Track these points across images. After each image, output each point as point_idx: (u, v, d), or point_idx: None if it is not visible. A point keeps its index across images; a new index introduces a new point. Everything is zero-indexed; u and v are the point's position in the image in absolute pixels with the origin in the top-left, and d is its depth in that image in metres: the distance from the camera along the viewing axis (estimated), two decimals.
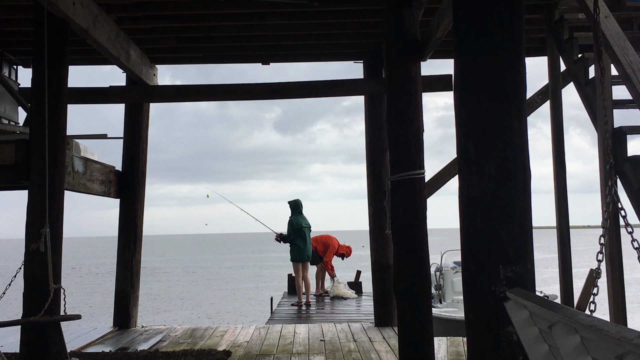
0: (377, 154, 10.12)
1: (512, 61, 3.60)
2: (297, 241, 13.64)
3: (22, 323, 6.72)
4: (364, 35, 9.56)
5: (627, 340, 1.88)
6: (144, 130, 10.60)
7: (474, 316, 3.57)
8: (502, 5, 3.60)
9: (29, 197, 7.07)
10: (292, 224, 13.66)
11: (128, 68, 9.24)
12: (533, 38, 9.53)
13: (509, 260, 3.46)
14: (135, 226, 10.48)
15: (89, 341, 9.03)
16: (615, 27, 6.52)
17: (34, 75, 7.16)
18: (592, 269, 3.25)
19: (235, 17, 8.61)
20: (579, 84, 7.41)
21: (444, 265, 15.08)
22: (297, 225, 13.63)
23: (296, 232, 13.62)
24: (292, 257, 13.79)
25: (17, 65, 10.30)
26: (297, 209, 13.86)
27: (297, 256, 13.69)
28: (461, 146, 3.69)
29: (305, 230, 13.71)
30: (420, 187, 6.10)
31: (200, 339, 9.14)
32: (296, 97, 10.09)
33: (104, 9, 7.98)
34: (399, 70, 6.20)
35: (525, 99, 3.70)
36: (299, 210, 13.86)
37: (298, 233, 13.62)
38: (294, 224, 13.64)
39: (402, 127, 6.10)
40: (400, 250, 6.09)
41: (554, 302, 2.64)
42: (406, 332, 6.03)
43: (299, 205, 13.90)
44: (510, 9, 3.61)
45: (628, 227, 3.48)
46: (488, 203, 3.52)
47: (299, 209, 13.87)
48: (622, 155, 6.35)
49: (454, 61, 3.85)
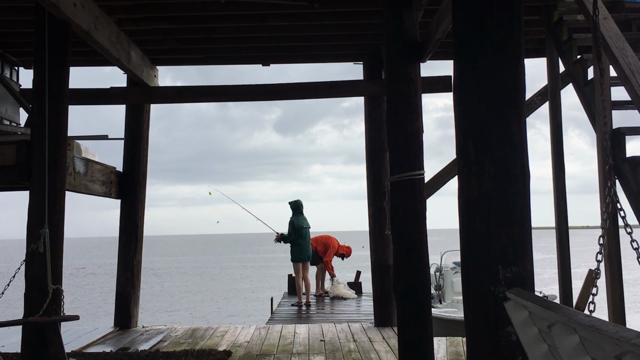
0: (376, 154, 10.12)
1: (512, 62, 3.60)
2: (298, 241, 13.68)
3: (21, 323, 6.71)
4: (364, 37, 9.56)
5: (626, 340, 1.88)
6: (144, 131, 10.61)
7: (474, 316, 3.57)
8: (502, 6, 3.60)
9: (30, 198, 7.06)
10: (293, 225, 13.69)
11: (129, 69, 9.24)
12: (532, 39, 9.53)
13: (508, 261, 3.46)
14: (136, 227, 10.48)
15: (90, 341, 9.04)
16: (614, 28, 6.52)
17: (35, 77, 7.16)
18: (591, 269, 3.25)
19: (235, 18, 8.61)
20: (578, 85, 7.40)
21: (444, 265, 15.09)
22: (298, 226, 13.67)
23: (297, 232, 13.66)
24: (293, 258, 13.82)
25: (19, 67, 10.29)
26: (297, 209, 13.90)
27: (297, 256, 13.72)
28: (461, 147, 3.69)
29: (305, 231, 13.76)
30: (420, 188, 6.10)
31: (200, 339, 9.14)
32: (296, 98, 10.09)
33: (105, 10, 7.98)
34: (399, 71, 6.20)
35: (525, 100, 3.70)
36: (299, 211, 13.90)
37: (298, 233, 13.65)
38: (294, 224, 13.68)
39: (402, 128, 6.10)
40: (400, 251, 6.09)
41: (553, 302, 2.63)
42: (406, 332, 6.02)
43: (299, 206, 13.94)
44: (509, 10, 3.61)
45: (627, 228, 3.48)
46: (487, 204, 3.52)
47: (299, 210, 13.91)
48: (621, 156, 6.35)
49: (453, 62, 3.85)
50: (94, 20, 7.53)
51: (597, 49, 5.44)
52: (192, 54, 10.28)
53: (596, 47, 5.49)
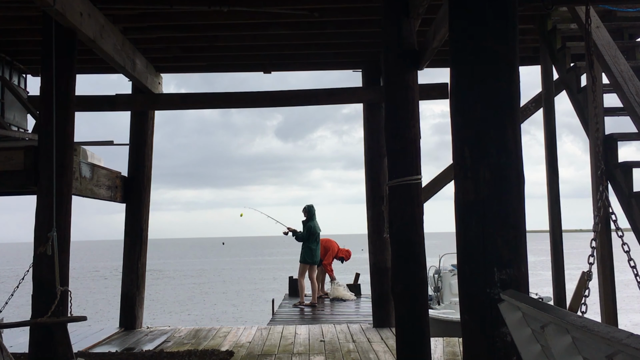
0: (375, 160, 10.12)
1: (507, 70, 3.61)
2: (312, 245, 13.84)
3: (30, 324, 6.72)
4: (363, 45, 9.57)
5: (617, 340, 1.89)
6: (149, 137, 10.62)
7: (470, 317, 3.57)
8: (497, 16, 3.61)
9: (38, 202, 7.07)
10: (310, 229, 13.81)
11: (134, 77, 9.26)
12: (527, 47, 9.56)
13: (504, 263, 3.46)
14: (141, 230, 10.49)
15: (96, 342, 9.04)
16: (606, 37, 6.54)
17: (43, 84, 7.17)
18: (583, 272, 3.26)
19: (237, 27, 8.63)
20: (571, 92, 7.42)
21: (443, 268, 15.08)
22: (314, 231, 13.83)
23: (312, 236, 13.82)
24: (303, 259, 13.89)
25: (26, 74, 10.31)
26: (313, 214, 14.03)
27: (310, 259, 13.87)
28: (457, 152, 3.69)
29: (319, 236, 14.00)
30: (418, 192, 6.11)
31: (203, 340, 9.13)
32: (297, 105, 10.10)
33: (111, 19, 8.00)
34: (397, 78, 6.21)
35: (519, 106, 3.71)
36: (314, 216, 14.04)
37: (313, 237, 13.84)
38: (311, 229, 13.81)
39: (400, 133, 6.10)
40: (397, 254, 6.09)
41: (547, 303, 2.64)
42: (404, 333, 6.03)
43: (314, 211, 14.07)
44: (504, 19, 3.61)
45: (619, 231, 3.49)
46: (483, 208, 3.52)
47: (314, 215, 14.05)
48: (613, 161, 6.37)
49: (449, 70, 3.85)
50: (99, 29, 7.55)
51: (590, 57, 5.45)
52: (195, 61, 10.30)
53: (589, 55, 5.50)
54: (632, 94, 5.93)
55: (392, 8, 6.24)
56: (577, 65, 7.34)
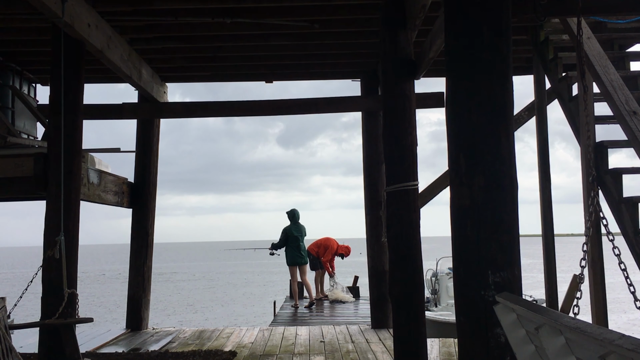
0: (373, 166, 10.12)
1: (501, 80, 3.61)
2: (291, 246, 14.09)
3: (38, 325, 6.70)
4: (361, 55, 9.58)
5: (609, 341, 1.88)
6: (154, 144, 10.62)
7: (465, 319, 3.57)
8: (491, 27, 3.61)
9: (47, 207, 7.06)
10: (285, 233, 14.16)
11: (140, 86, 9.26)
12: (520, 58, 9.57)
13: (498, 267, 3.46)
14: (147, 234, 10.48)
15: (103, 342, 9.02)
16: (597, 47, 6.54)
17: (52, 93, 7.17)
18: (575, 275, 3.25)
19: (240, 38, 8.63)
20: (563, 100, 7.42)
21: (440, 271, 15.07)
22: (290, 234, 14.08)
23: (289, 239, 14.07)
24: (287, 261, 14.27)
25: (36, 84, 10.31)
26: (293, 218, 14.26)
27: (291, 260, 14.15)
28: (452, 159, 3.69)
29: (298, 238, 14.12)
30: (414, 198, 6.11)
31: (207, 340, 9.11)
32: (298, 113, 10.09)
33: (118, 30, 8.01)
34: (394, 88, 6.22)
35: (513, 115, 3.71)
36: (294, 220, 14.25)
37: (291, 240, 14.06)
38: (287, 232, 14.12)
39: (397, 141, 6.11)
40: (395, 257, 6.08)
41: (541, 305, 2.63)
42: (401, 334, 6.02)
43: (294, 215, 14.27)
44: (498, 31, 3.62)
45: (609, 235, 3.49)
46: (478, 213, 3.52)
47: (295, 219, 14.26)
48: (604, 167, 6.36)
49: (445, 80, 3.86)
50: (107, 40, 7.55)
51: (581, 67, 5.46)
52: (200, 71, 10.30)
53: (580, 65, 5.51)
54: (622, 103, 5.94)
55: (390, 20, 6.25)
56: (569, 75, 7.34)
